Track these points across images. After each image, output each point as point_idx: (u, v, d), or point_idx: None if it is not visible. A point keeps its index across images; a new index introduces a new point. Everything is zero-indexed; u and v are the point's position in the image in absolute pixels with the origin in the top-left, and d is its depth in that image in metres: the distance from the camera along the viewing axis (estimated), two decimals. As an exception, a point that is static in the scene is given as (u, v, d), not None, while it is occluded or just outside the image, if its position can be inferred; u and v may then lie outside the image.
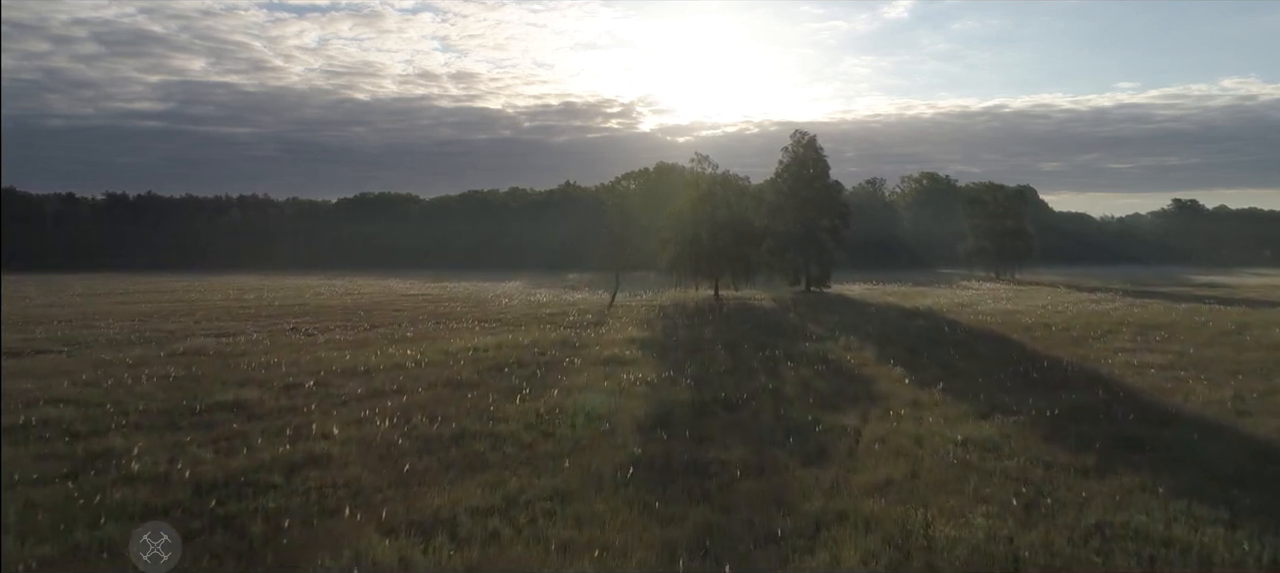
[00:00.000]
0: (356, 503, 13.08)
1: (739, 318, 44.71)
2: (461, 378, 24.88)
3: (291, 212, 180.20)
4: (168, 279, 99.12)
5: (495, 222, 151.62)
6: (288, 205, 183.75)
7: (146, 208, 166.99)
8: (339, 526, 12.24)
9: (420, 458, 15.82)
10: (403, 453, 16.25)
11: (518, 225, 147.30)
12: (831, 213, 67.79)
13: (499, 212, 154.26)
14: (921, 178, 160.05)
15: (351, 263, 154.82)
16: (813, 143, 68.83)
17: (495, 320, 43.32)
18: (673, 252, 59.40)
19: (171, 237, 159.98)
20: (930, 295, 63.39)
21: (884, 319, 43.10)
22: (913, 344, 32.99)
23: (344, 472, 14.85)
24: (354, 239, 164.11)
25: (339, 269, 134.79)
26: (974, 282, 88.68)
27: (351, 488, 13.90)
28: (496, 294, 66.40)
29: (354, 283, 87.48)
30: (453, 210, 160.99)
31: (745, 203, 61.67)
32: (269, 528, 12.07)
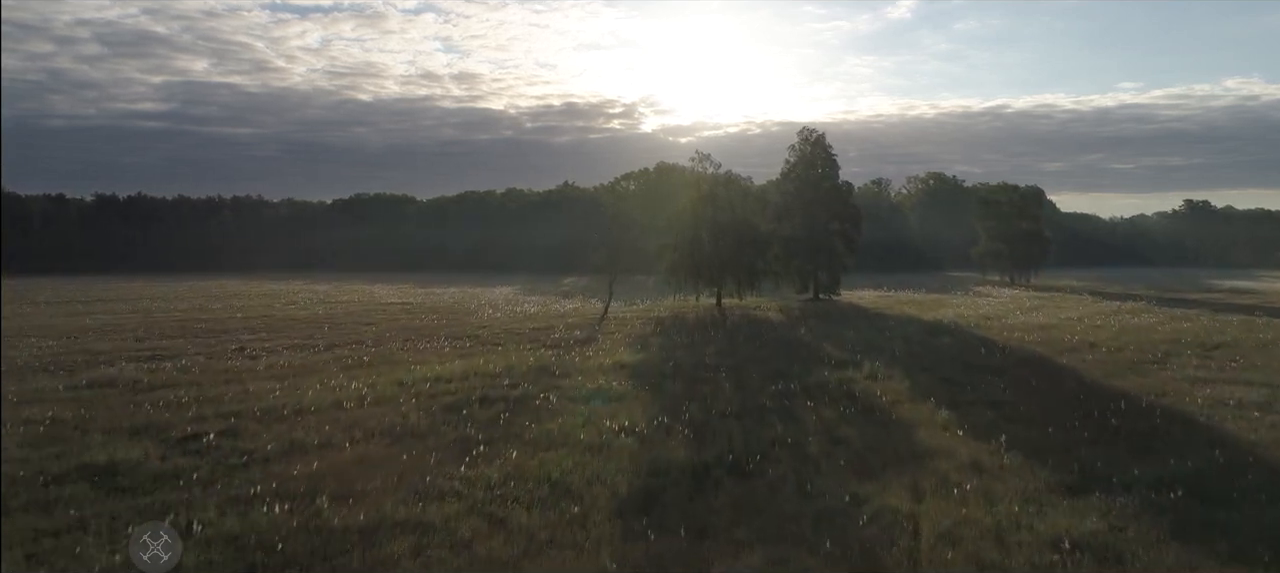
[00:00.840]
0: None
1: (744, 334, 39.82)
2: (407, 424, 20.02)
3: (286, 213, 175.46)
4: (144, 284, 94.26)
5: (492, 224, 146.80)
6: (282, 206, 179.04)
7: (136, 209, 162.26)
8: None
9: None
10: (277, 568, 11.41)
11: (515, 227, 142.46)
12: (841, 215, 62.86)
13: (496, 213, 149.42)
14: (928, 178, 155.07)
15: (344, 266, 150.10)
16: (821, 141, 63.93)
17: (471, 338, 38.45)
18: (672, 258, 54.51)
19: (161, 239, 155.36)
20: (948, 304, 58.48)
21: (906, 336, 38.17)
22: (948, 371, 28.09)
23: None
24: (348, 242, 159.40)
25: (330, 273, 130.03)
26: (989, 287, 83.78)
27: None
28: (483, 303, 61.55)
29: (338, 288, 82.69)
30: (449, 212, 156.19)
31: (749, 205, 56.75)
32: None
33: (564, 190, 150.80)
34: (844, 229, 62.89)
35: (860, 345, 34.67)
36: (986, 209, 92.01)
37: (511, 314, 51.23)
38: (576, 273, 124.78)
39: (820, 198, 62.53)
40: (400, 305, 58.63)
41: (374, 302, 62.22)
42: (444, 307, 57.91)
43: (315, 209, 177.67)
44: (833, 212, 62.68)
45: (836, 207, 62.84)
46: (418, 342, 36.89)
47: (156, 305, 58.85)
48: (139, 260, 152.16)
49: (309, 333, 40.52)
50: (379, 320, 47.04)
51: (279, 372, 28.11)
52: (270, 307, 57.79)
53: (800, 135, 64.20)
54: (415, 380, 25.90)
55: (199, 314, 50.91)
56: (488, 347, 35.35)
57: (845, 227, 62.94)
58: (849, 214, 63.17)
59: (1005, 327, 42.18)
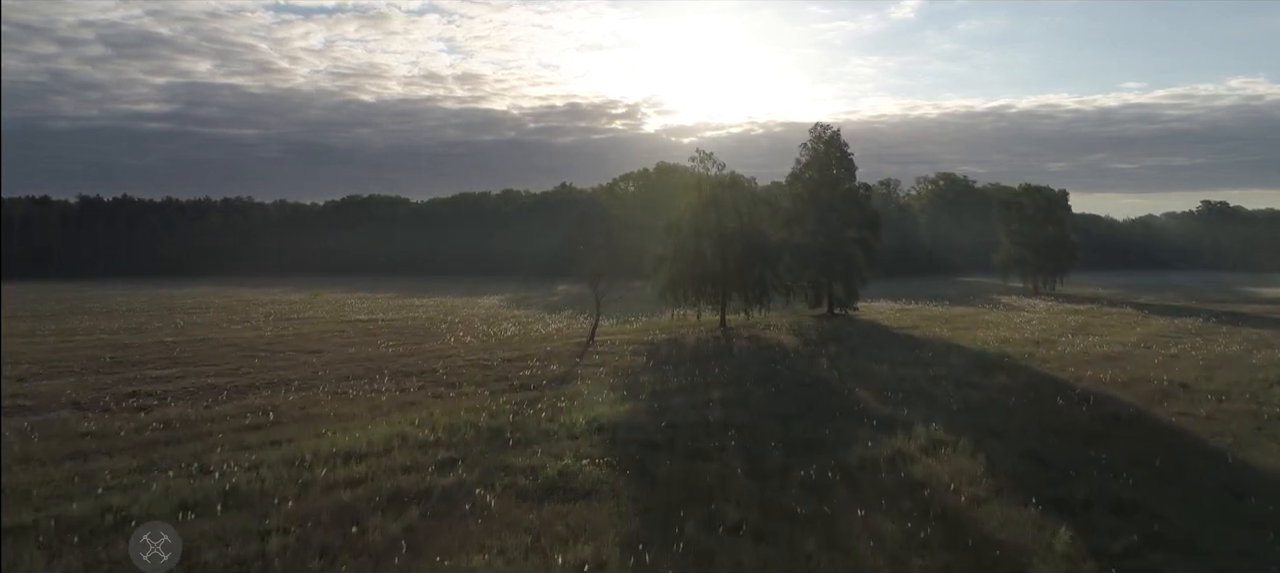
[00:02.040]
0: None
1: (755, 369, 32.68)
2: (250, 561, 12.99)
3: (277, 216, 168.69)
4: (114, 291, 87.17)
5: (487, 227, 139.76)
6: (275, 209, 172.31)
7: (121, 212, 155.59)
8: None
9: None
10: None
11: (511, 230, 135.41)
12: (859, 221, 55.64)
13: (491, 215, 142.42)
14: (938, 179, 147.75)
15: (334, 269, 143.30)
16: (836, 139, 56.72)
17: (425, 376, 31.37)
18: (669, 271, 47.29)
19: (147, 242, 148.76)
20: (982, 321, 51.30)
21: (952, 372, 31.00)
22: (1029, 439, 20.97)
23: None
24: (340, 245, 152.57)
25: (317, 278, 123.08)
26: (1015, 297, 76.61)
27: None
28: (461, 319, 54.49)
29: (311, 299, 75.66)
30: (443, 214, 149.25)
31: (758, 211, 49.47)
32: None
33: (561, 192, 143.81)
34: (862, 237, 55.70)
35: (899, 388, 27.56)
36: (1009, 213, 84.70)
37: (485, 337, 44.13)
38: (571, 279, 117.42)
39: (836, 202, 55.36)
40: (365, 324, 51.56)
41: (338, 318, 55.16)
42: (414, 325, 50.83)
43: (308, 211, 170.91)
44: (849, 217, 55.51)
45: (853, 212, 55.66)
46: (357, 382, 29.81)
47: (96, 323, 51.86)
48: (122, 264, 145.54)
49: (236, 367, 33.47)
50: (329, 347, 39.97)
51: (136, 441, 21.02)
52: (221, 322, 50.74)
53: (813, 133, 57.05)
54: (317, 457, 18.84)
55: (128, 337, 43.89)
56: (440, 390, 28.28)
57: (863, 234, 55.75)
58: (867, 220, 55.95)
59: (1066, 358, 34.98)
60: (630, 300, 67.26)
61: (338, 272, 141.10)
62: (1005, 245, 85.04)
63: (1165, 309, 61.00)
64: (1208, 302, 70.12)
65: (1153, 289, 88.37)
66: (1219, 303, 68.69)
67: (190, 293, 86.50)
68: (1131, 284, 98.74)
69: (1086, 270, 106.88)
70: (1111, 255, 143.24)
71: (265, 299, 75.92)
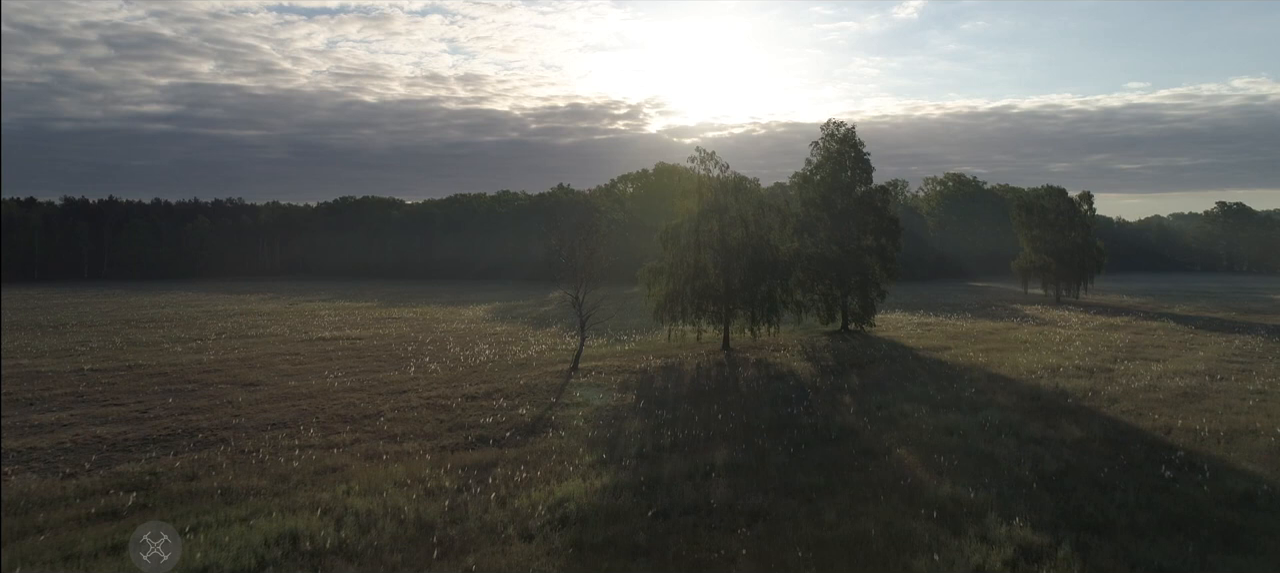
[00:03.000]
0: None
1: (766, 413, 26.84)
2: None
3: (269, 218, 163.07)
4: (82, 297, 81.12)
5: (481, 229, 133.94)
6: (267, 210, 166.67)
7: (107, 214, 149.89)
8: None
9: None
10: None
11: (505, 234, 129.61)
12: (877, 228, 49.73)
13: (485, 217, 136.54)
14: (946, 180, 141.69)
15: (324, 274, 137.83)
16: (850, 137, 50.85)
17: (367, 421, 25.59)
18: (665, 286, 41.35)
19: (131, 245, 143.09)
20: (1014, 339, 45.43)
21: (1006, 419, 25.12)
22: (1156, 546, 15.13)
23: None
24: (330, 248, 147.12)
25: (307, 281, 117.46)
26: (1040, 307, 70.74)
27: None
28: (435, 337, 48.68)
29: (286, 308, 69.90)
30: (437, 217, 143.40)
31: (766, 218, 43.48)
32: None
33: (558, 193, 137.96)
34: (880, 244, 49.82)
35: (948, 445, 21.74)
36: (1029, 216, 78.69)
37: (454, 365, 38.29)
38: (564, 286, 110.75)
39: (850, 207, 49.47)
40: (326, 343, 45.75)
41: (300, 335, 49.34)
42: (380, 346, 45.05)
43: (301, 213, 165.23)
44: (865, 223, 49.61)
45: (870, 217, 49.74)
46: (280, 433, 24.01)
47: (29, 341, 46.08)
48: (107, 268, 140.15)
49: (146, 408, 27.70)
50: (269, 378, 34.16)
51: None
52: (164, 344, 44.96)
53: (825, 130, 51.16)
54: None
55: (51, 363, 38.11)
56: (376, 446, 22.49)
57: (881, 242, 49.86)
58: (885, 226, 50.00)
59: (1137, 397, 29.08)
60: (627, 311, 61.68)
61: (327, 276, 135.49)
62: (1025, 251, 79.08)
63: (1211, 323, 55.06)
64: (1249, 312, 64.22)
65: (1180, 296, 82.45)
66: (1260, 314, 62.79)
67: (162, 301, 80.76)
68: (1154, 290, 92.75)
69: (1111, 274, 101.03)
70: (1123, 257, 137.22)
71: (236, 309, 70.16)
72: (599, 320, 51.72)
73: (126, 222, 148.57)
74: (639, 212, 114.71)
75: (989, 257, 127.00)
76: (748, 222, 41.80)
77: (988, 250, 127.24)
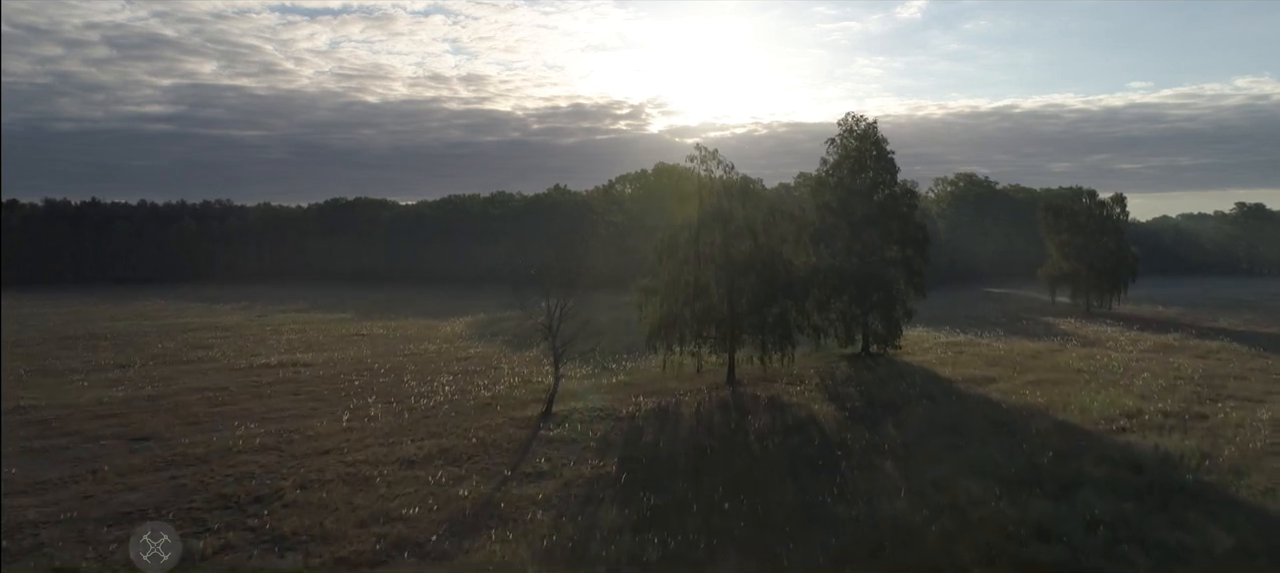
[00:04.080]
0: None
1: (789, 496, 20.10)
2: None
3: (258, 220, 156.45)
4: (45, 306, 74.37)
5: (474, 232, 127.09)
6: (257, 212, 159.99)
7: (88, 216, 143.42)
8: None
9: None
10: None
11: (498, 237, 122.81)
12: (902, 236, 42.89)
13: (478, 219, 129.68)
14: (958, 180, 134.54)
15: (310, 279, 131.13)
16: (871, 133, 44.04)
17: (262, 502, 18.86)
18: (660, 309, 34.39)
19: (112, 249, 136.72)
20: (1066, 366, 38.61)
21: (1122, 515, 18.37)
22: None
23: None
24: (319, 251, 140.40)
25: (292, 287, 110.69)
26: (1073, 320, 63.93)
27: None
28: (394, 365, 41.95)
29: (253, 318, 63.21)
30: (429, 219, 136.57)
31: (778, 227, 36.42)
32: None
33: (554, 195, 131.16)
34: (906, 256, 42.99)
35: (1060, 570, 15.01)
36: (1058, 220, 71.74)
37: (403, 408, 31.48)
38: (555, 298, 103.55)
39: (873, 213, 42.64)
40: (271, 372, 39.01)
41: (239, 363, 42.59)
42: (331, 375, 38.34)
43: (291, 215, 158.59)
44: (890, 231, 42.79)
45: (895, 225, 42.90)
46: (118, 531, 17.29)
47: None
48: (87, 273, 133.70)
49: None
50: (167, 431, 27.43)
51: None
52: (76, 374, 38.22)
53: (843, 126, 44.33)
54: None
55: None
56: (247, 561, 15.79)
57: (907, 252, 43.04)
58: (912, 235, 43.15)
59: (1275, 471, 22.30)
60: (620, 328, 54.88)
61: (315, 280, 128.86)
62: (1053, 257, 72.10)
63: (1275, 342, 48.16)
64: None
65: (1218, 305, 75.43)
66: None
67: (123, 312, 74.13)
68: (1186, 297, 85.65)
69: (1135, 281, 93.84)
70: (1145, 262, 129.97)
71: (195, 323, 63.49)
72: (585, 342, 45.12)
73: (108, 224, 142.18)
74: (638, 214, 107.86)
75: (1003, 260, 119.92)
76: (756, 231, 34.94)
77: (1002, 253, 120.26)
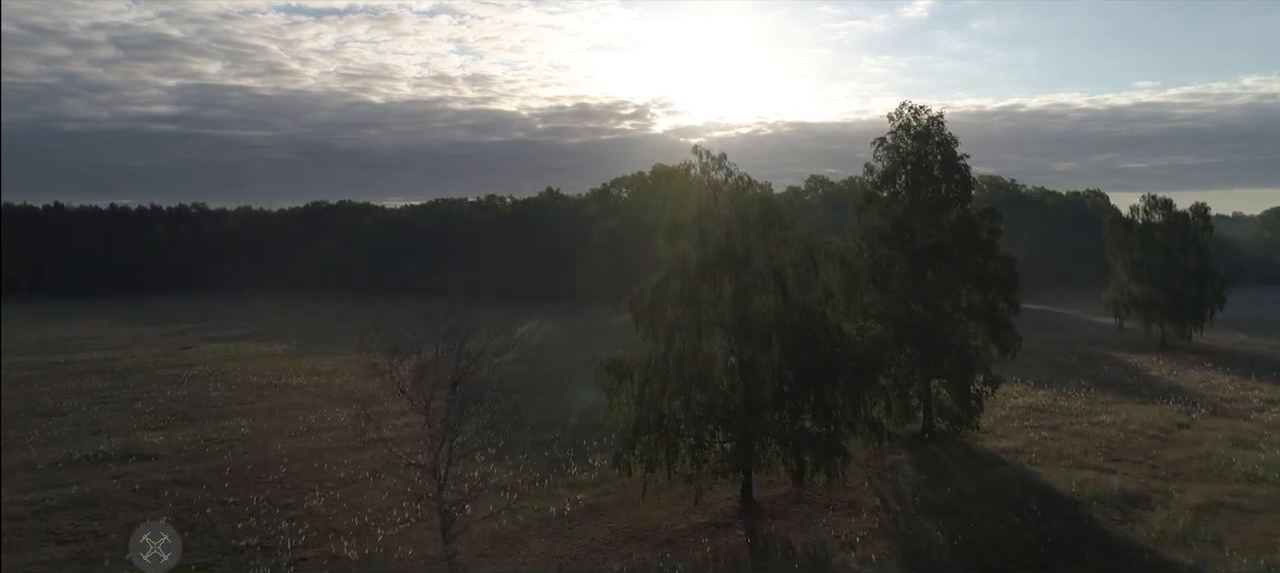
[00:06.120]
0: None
1: None
2: None
3: (236, 225, 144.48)
4: None
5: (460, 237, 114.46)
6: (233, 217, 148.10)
7: (54, 222, 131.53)
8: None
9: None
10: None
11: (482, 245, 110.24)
12: (985, 275, 30.16)
13: (464, 225, 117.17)
14: (981, 183, 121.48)
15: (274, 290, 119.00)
16: (936, 129, 31.21)
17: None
18: (638, 402, 21.29)
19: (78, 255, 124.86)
20: (1211, 452, 26.07)
21: None
22: None
23: None
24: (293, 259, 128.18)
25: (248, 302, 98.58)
26: (1145, 353, 51.33)
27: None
28: (299, 433, 29.48)
29: (155, 356, 50.85)
30: (411, 224, 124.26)
31: (818, 271, 22.97)
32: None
33: (545, 199, 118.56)
34: (988, 301, 30.30)
35: None
36: (1129, 236, 58.82)
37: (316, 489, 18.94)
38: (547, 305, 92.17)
39: (944, 242, 29.94)
40: (84, 476, 26.56)
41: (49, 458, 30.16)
42: (174, 478, 25.90)
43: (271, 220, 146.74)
44: (967, 268, 30.07)
45: (974, 258, 30.14)
46: None
47: None
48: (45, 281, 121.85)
49: None
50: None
51: None
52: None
53: (896, 121, 31.59)
54: None
55: None
56: None
57: (990, 296, 30.34)
58: (998, 273, 30.40)
59: None
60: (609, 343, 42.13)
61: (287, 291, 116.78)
62: (1122, 278, 59.12)
63: None
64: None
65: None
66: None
67: (29, 337, 61.96)
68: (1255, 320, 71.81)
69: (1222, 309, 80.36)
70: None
71: (93, 360, 51.21)
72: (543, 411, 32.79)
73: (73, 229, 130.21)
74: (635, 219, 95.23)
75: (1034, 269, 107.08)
76: (785, 280, 22.26)
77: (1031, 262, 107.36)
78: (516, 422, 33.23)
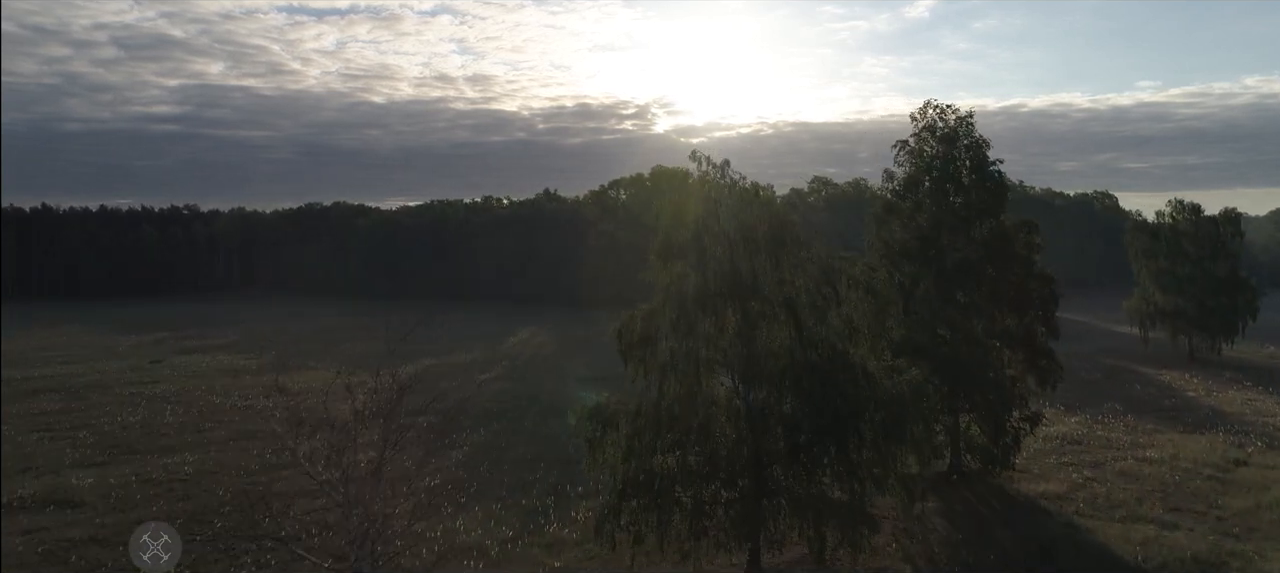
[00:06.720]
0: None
1: None
2: None
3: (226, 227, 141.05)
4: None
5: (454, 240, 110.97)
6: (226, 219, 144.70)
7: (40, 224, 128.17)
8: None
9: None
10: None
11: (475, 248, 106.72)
12: (1022, 296, 26.58)
13: (458, 228, 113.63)
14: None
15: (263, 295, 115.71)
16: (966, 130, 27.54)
17: None
18: (624, 464, 17.86)
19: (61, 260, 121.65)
20: None
21: None
22: None
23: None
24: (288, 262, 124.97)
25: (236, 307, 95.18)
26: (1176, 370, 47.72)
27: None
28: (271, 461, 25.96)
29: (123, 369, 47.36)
30: (406, 225, 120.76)
31: (840, 303, 19.65)
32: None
33: (541, 201, 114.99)
34: (1025, 326, 26.71)
35: None
36: (1155, 244, 55.11)
37: None
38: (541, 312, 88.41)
39: (975, 258, 26.32)
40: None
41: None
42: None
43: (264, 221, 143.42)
44: (1001, 288, 26.43)
45: (1010, 275, 26.51)
46: None
47: None
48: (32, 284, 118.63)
49: None
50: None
51: None
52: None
53: (921, 121, 27.92)
54: None
55: None
56: None
57: (1027, 320, 26.76)
58: (1037, 294, 26.82)
59: None
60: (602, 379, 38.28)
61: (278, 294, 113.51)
62: (1148, 286, 55.40)
63: None
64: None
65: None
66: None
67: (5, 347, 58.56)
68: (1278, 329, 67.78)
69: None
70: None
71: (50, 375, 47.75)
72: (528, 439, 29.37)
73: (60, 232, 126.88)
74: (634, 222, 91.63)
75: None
76: (799, 308, 18.69)
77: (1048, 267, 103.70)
78: (496, 457, 29.82)
